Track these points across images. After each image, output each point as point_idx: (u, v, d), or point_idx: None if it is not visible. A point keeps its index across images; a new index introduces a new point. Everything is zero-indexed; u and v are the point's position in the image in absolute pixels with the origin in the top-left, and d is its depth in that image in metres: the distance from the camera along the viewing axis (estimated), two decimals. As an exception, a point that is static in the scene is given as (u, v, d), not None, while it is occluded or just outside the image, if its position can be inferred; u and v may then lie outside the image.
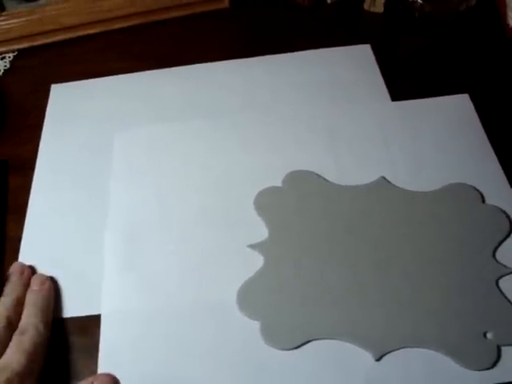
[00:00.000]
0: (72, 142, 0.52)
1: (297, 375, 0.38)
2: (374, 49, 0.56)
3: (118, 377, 0.39)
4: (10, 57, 0.60)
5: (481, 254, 0.42)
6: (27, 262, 0.44)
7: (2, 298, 0.40)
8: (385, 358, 0.38)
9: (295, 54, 0.56)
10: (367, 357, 0.38)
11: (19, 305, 0.40)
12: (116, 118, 0.53)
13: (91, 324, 0.41)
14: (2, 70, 0.59)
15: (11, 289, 0.41)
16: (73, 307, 0.42)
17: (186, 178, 0.48)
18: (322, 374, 0.38)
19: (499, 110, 0.51)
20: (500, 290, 0.40)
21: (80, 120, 0.53)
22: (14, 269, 0.43)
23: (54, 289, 0.42)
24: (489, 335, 0.38)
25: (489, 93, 0.52)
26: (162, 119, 0.53)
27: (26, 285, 0.42)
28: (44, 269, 0.44)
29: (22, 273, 0.42)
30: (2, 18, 0.57)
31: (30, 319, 0.39)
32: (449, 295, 0.40)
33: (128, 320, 0.41)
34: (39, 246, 0.46)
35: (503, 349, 0.38)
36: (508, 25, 0.52)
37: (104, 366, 0.39)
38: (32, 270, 0.44)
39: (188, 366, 0.39)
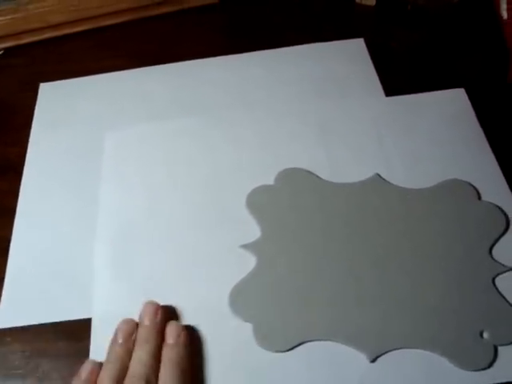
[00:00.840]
0: (61, 143, 0.51)
1: (290, 378, 0.38)
2: (367, 43, 0.55)
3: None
4: (-4, 56, 0.59)
5: (477, 251, 0.41)
6: (17, 264, 0.43)
7: (137, 348, 0.37)
8: (380, 360, 0.38)
9: (287, 49, 0.55)
10: (362, 358, 0.38)
11: (156, 360, 0.36)
12: (106, 117, 0.52)
13: (81, 328, 0.41)
14: (-11, 70, 0.58)
15: (146, 338, 0.37)
16: (63, 311, 0.42)
17: (177, 177, 0.47)
18: (316, 376, 0.37)
19: (495, 104, 0.50)
20: (497, 289, 0.39)
21: (69, 120, 0.52)
22: (146, 310, 0.39)
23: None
24: (485, 335, 0.38)
25: (485, 86, 0.51)
26: (152, 117, 0.52)
27: (161, 332, 0.38)
28: (33, 272, 0.43)
29: (155, 314, 0.39)
30: (-14, 17, 0.56)
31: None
32: (444, 294, 0.39)
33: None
34: (28, 248, 0.45)
35: (500, 348, 0.37)
36: (502, 17, 0.52)
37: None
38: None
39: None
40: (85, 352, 0.39)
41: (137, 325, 0.39)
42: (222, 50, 0.56)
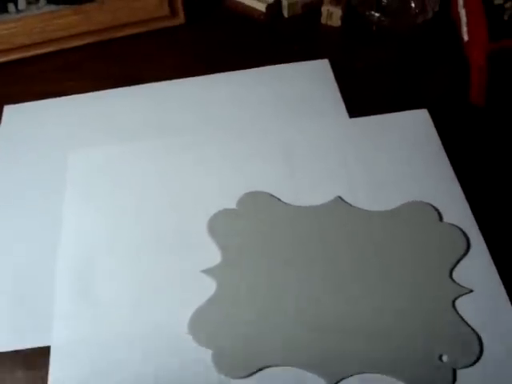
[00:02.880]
0: (25, 165, 0.51)
1: (251, 404, 0.37)
2: (331, 63, 0.55)
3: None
4: (-39, 77, 0.58)
5: (438, 273, 0.41)
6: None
7: None
8: (339, 385, 0.37)
9: (253, 70, 0.56)
10: (322, 383, 0.37)
11: None
12: (70, 139, 0.52)
13: (40, 356, 0.40)
14: (-47, 91, 0.57)
15: None
16: (21, 339, 0.41)
17: (140, 200, 0.47)
18: (276, 401, 0.37)
19: (458, 123, 0.51)
20: (456, 311, 0.39)
21: (33, 142, 0.52)
22: None
23: None
24: (444, 358, 0.38)
25: (447, 107, 0.52)
26: (117, 139, 0.52)
27: None
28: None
29: None
30: (-50, 38, 0.56)
31: None
32: (404, 317, 0.39)
33: (78, 349, 0.40)
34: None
35: (458, 372, 0.37)
36: (463, 39, 0.52)
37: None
38: None
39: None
40: (43, 381, 0.39)
41: None
42: (187, 72, 0.56)
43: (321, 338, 0.39)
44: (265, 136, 0.50)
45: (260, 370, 0.38)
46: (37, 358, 0.40)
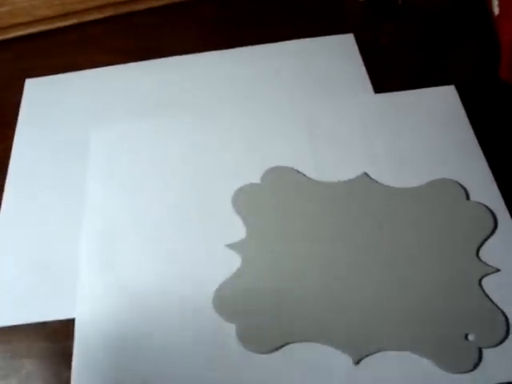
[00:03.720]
0: (47, 139, 0.50)
1: (273, 379, 0.37)
2: (356, 38, 0.54)
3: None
4: (-19, 51, 0.58)
5: (464, 252, 0.41)
6: (0, 263, 0.43)
7: None
8: (364, 361, 0.37)
9: (276, 44, 0.55)
10: (346, 360, 0.37)
11: None
12: (93, 114, 0.52)
13: (65, 328, 0.40)
14: (-27, 65, 0.57)
15: None
16: (47, 311, 0.41)
17: (163, 175, 0.47)
18: (299, 377, 0.37)
19: (486, 101, 0.49)
20: (483, 290, 0.39)
21: (55, 116, 0.52)
22: None
23: None
24: (470, 337, 0.37)
25: (475, 83, 0.51)
26: (139, 114, 0.51)
27: None
28: (17, 271, 0.43)
29: None
30: (-30, 11, 0.56)
31: None
32: (430, 295, 0.39)
33: (103, 323, 0.40)
34: (13, 246, 0.44)
35: (484, 351, 0.37)
36: (493, 12, 0.51)
37: (78, 372, 0.38)
38: None
39: (164, 367, 0.38)
40: (69, 352, 0.39)
41: None
42: (208, 46, 0.55)
43: (345, 315, 0.39)
44: (288, 111, 0.50)
45: (284, 345, 0.38)
46: (62, 330, 0.40)
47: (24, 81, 0.55)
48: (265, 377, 0.37)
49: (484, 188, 0.44)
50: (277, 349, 0.38)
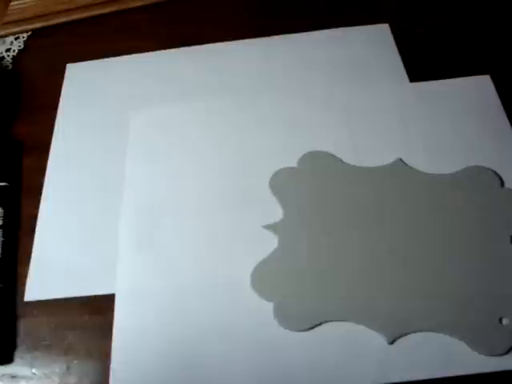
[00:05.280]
0: (87, 123, 0.52)
1: (309, 356, 0.38)
2: (392, 28, 0.55)
3: (131, 357, 0.39)
4: (24, 37, 0.59)
5: (498, 238, 0.41)
6: (43, 241, 0.45)
7: None
8: (398, 342, 0.38)
9: (312, 33, 0.55)
10: (380, 339, 0.38)
11: None
12: (132, 99, 0.53)
13: (106, 303, 0.42)
14: (17, 51, 0.58)
15: None
16: (88, 286, 0.43)
17: (202, 157, 0.48)
18: (334, 355, 0.38)
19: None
20: (517, 276, 0.40)
21: (95, 100, 0.53)
22: None
23: None
24: (504, 321, 0.38)
25: (511, 74, 0.51)
26: (178, 99, 0.52)
27: None
28: (59, 248, 0.45)
29: None
30: (16, -1, 0.57)
31: None
32: (465, 280, 0.40)
33: (142, 299, 0.41)
34: (55, 224, 0.46)
35: (519, 334, 0.37)
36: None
37: (118, 345, 0.40)
38: None
39: (201, 344, 0.39)
40: (109, 325, 0.41)
41: None
42: (247, 33, 0.56)
43: (381, 296, 0.40)
44: (325, 99, 0.50)
45: (320, 324, 0.39)
46: (104, 304, 0.42)
47: (65, 66, 0.56)
48: (301, 354, 0.38)
49: (518, 176, 0.44)
50: (313, 327, 0.39)
